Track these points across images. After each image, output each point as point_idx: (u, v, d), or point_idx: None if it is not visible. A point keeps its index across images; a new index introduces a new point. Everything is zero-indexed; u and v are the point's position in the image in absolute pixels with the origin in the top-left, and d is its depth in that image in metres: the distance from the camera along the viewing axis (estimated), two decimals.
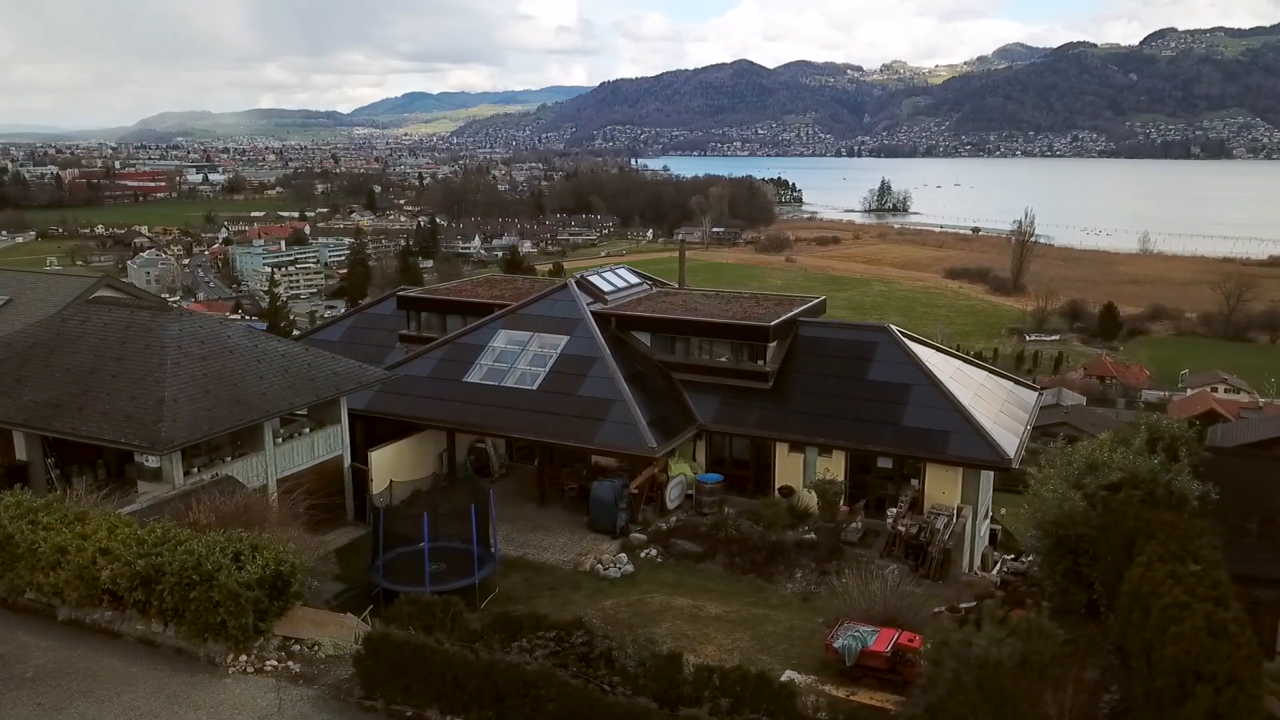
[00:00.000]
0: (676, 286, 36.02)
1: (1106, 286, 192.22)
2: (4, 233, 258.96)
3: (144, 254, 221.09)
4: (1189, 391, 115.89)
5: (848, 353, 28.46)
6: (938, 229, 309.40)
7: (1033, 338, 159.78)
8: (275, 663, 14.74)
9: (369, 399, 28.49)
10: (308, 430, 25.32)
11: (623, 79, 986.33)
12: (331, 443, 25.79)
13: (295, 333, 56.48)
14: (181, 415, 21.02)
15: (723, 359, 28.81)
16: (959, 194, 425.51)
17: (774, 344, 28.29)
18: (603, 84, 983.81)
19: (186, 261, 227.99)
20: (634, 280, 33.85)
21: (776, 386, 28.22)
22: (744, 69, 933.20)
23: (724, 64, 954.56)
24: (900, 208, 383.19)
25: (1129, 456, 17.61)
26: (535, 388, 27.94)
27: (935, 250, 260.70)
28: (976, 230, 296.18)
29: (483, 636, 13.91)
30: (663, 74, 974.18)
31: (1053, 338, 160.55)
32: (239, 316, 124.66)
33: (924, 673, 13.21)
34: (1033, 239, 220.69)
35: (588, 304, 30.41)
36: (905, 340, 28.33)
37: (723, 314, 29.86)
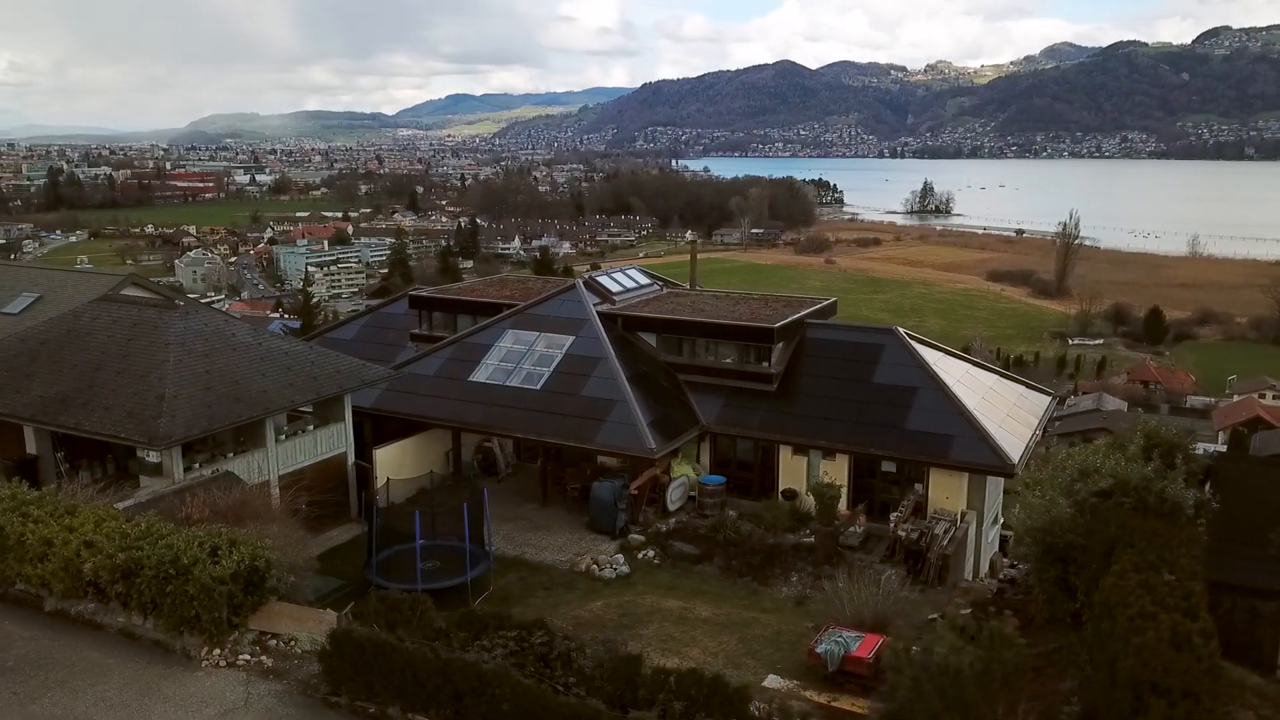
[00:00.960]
0: (688, 288, 35.91)
1: (1153, 290, 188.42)
2: (58, 232, 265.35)
3: (191, 253, 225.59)
4: (1236, 398, 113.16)
5: (854, 355, 28.17)
6: (980, 231, 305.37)
7: (1075, 341, 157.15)
8: (248, 657, 14.91)
9: (376, 397, 28.76)
10: (311, 427, 25.60)
11: (664, 80, 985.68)
12: (335, 440, 26.04)
13: None
14: (181, 411, 21.36)
15: (728, 360, 28.67)
16: (1003, 195, 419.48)
17: (779, 345, 28.10)
18: (644, 85, 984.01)
19: (233, 260, 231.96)
20: (644, 281, 33.82)
21: (782, 388, 28.02)
22: (786, 69, 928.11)
23: (766, 64, 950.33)
24: (943, 209, 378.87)
25: (1121, 463, 17.22)
26: (539, 388, 28.01)
27: (977, 252, 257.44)
28: (1020, 232, 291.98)
29: (448, 635, 13.95)
30: (704, 75, 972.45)
31: (1096, 342, 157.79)
32: (278, 315, 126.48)
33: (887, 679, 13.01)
34: (1078, 241, 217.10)
35: (595, 304, 30.44)
36: (912, 343, 27.98)
37: (729, 315, 29.73)
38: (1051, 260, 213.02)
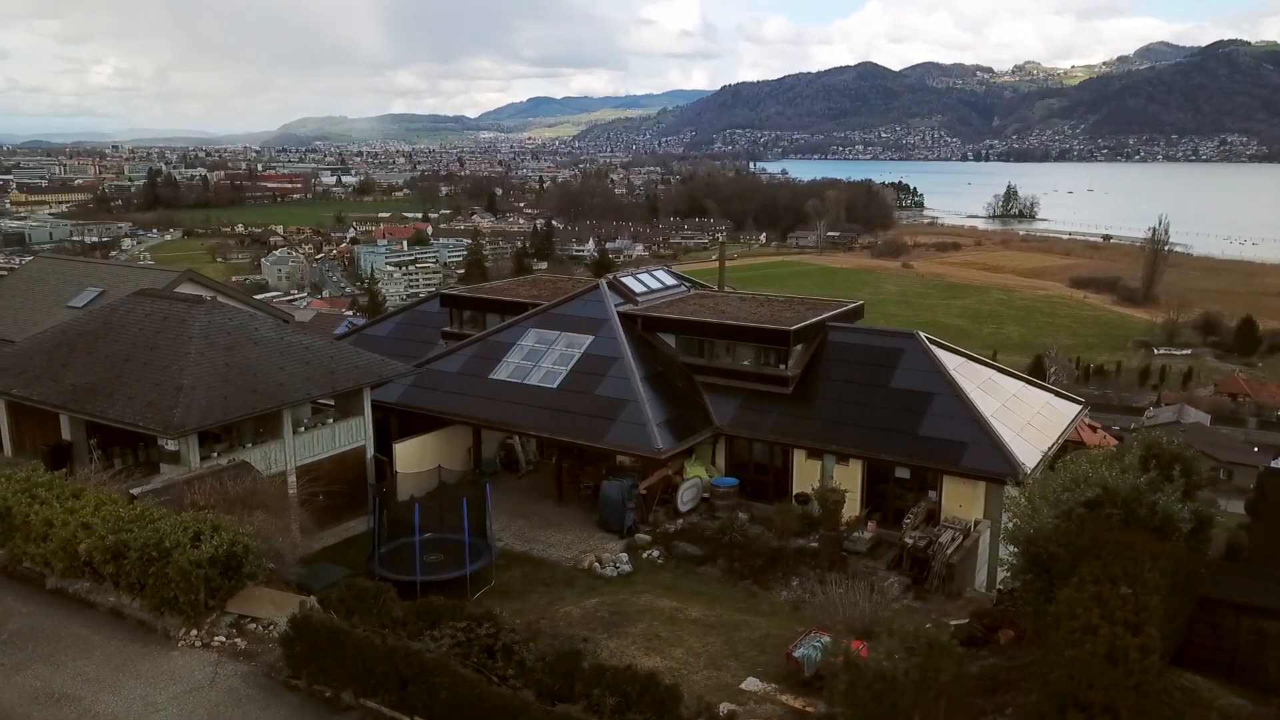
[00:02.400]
0: (715, 289, 35.80)
1: (1248, 299, 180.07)
2: (154, 230, 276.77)
3: (276, 252, 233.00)
4: None
5: (872, 359, 27.79)
6: (1065, 236, 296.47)
7: (1161, 351, 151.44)
8: (223, 639, 15.46)
9: (400, 393, 29.41)
10: (331, 421, 26.31)
11: (744, 82, 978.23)
12: (354, 433, 26.70)
13: None
14: (196, 402, 22.18)
15: (745, 362, 28.54)
16: (1092, 199, 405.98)
17: (796, 348, 27.86)
18: (723, 87, 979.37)
19: (317, 259, 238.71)
20: (670, 282, 33.86)
21: (798, 392, 27.77)
22: (868, 71, 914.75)
23: (847, 66, 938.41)
24: (1027, 214, 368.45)
25: (1113, 473, 16.66)
26: (556, 386, 28.29)
27: (1061, 258, 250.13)
28: (1107, 238, 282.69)
29: (406, 624, 14.27)
30: (784, 77, 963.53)
31: (1184, 352, 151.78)
32: (351, 313, 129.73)
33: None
34: (1168, 247, 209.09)
35: (617, 305, 30.61)
36: (932, 348, 27.46)
37: (750, 317, 29.57)
38: (1139, 267, 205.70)
